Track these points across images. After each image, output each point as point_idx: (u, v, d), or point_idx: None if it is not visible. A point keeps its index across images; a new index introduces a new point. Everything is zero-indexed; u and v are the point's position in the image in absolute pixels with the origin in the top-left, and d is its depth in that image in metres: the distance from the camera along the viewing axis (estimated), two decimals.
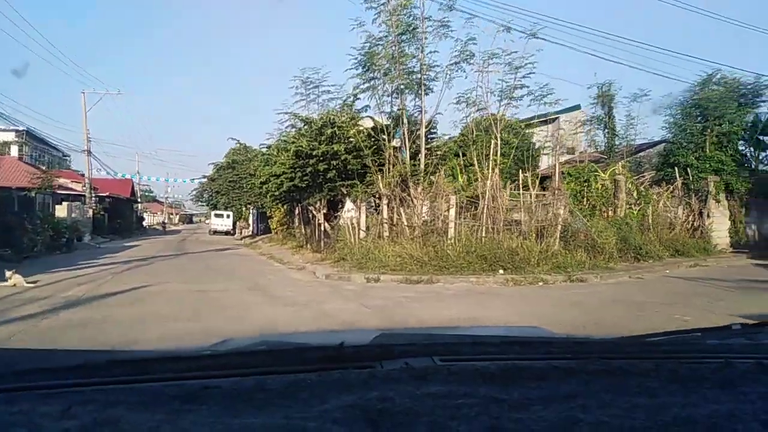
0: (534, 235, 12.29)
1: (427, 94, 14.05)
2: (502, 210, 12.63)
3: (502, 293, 9.07)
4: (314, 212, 16.51)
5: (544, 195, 13.77)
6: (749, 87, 20.22)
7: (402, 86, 13.32)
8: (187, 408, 0.89)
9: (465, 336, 1.66)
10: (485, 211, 12.79)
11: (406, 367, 1.10)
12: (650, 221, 15.95)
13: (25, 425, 0.83)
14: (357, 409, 0.87)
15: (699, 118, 19.64)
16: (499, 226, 12.41)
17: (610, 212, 15.81)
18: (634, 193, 16.53)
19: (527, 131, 16.53)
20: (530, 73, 13.09)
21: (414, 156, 13.44)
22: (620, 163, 17.49)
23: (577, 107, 18.81)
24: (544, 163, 18.74)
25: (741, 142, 21.12)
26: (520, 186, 13.78)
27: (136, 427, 0.83)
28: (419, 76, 13.42)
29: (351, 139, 13.92)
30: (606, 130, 19.22)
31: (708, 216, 18.38)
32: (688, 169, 18.62)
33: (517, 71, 13.38)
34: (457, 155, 14.96)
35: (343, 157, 13.84)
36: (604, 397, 0.94)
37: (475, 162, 13.59)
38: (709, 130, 19.34)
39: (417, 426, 0.82)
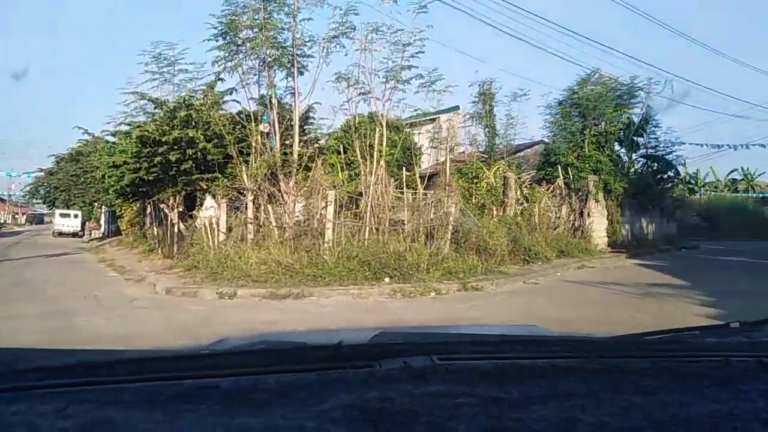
0: (423, 236, 11.39)
1: (301, 73, 12.45)
2: (388, 208, 11.74)
3: (390, 309, 7.86)
4: (167, 210, 14.64)
5: (427, 194, 13.24)
6: (625, 87, 21.08)
7: (270, 60, 12.01)
8: (185, 408, 0.85)
9: (464, 335, 1.64)
10: (369, 209, 11.56)
11: (405, 367, 1.04)
12: (537, 221, 15.90)
13: (22, 425, 0.80)
14: (355, 409, 0.83)
15: (578, 118, 20.32)
16: (384, 227, 11.35)
17: (500, 211, 15.57)
18: (518, 192, 16.68)
19: (409, 130, 16.39)
20: (419, 52, 12.08)
21: (287, 144, 12.30)
22: (504, 162, 17.77)
23: (455, 108, 19.18)
24: (426, 163, 19.00)
25: (616, 142, 21.74)
26: (404, 185, 13.22)
27: (133, 427, 0.80)
28: (291, 51, 12.08)
29: (212, 125, 12.46)
30: (487, 129, 18.99)
31: (588, 216, 18.74)
32: (569, 168, 19.03)
33: (405, 49, 12.12)
34: (338, 152, 14.24)
35: (201, 146, 12.34)
36: (602, 396, 0.90)
37: (358, 153, 12.43)
38: (587, 130, 19.95)
39: (416, 425, 0.79)
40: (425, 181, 13.25)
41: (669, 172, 21.55)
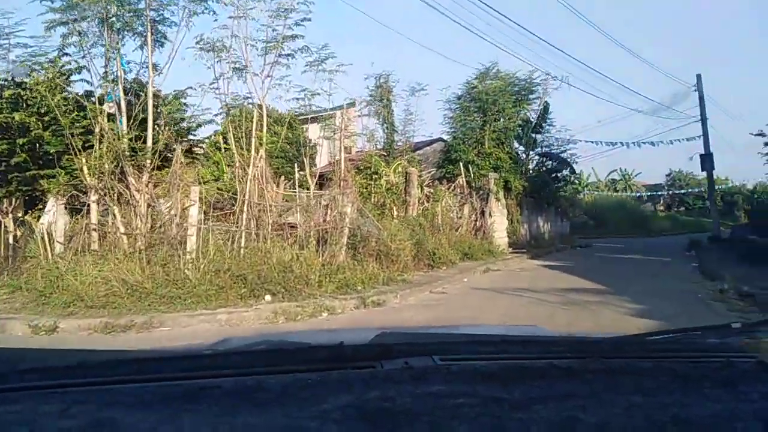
0: (314, 242, 9.75)
1: (161, 44, 9.97)
2: (270, 209, 9.81)
3: None
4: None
5: (320, 193, 11.33)
6: (523, 83, 20.69)
7: (119, 26, 9.49)
8: (187, 408, 0.87)
9: (465, 335, 1.68)
10: (247, 210, 9.58)
11: (406, 367, 1.07)
12: (440, 221, 15.03)
13: (24, 424, 0.81)
14: (357, 409, 0.85)
15: (478, 113, 19.67)
16: (266, 232, 9.52)
17: (401, 212, 14.39)
18: (420, 191, 15.74)
19: (302, 126, 14.77)
20: (305, 19, 10.20)
21: (135, 128, 9.56)
22: (404, 160, 16.65)
23: (351, 104, 17.37)
24: (323, 162, 16.93)
25: (515, 139, 21.39)
26: (296, 185, 11.51)
27: (134, 427, 0.82)
28: (144, 12, 9.44)
29: (51, 109, 9.46)
30: (385, 125, 17.86)
31: (490, 215, 18.14)
32: (470, 166, 18.45)
33: (287, 15, 10.09)
34: (219, 148, 12.11)
35: (35, 134, 9.73)
36: (604, 396, 0.92)
37: (231, 141, 10.31)
38: (488, 126, 19.34)
39: (417, 425, 0.80)
40: (316, 180, 12.43)
41: (564, 171, 21.05)
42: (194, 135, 11.54)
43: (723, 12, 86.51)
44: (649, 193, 45.28)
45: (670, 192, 46.73)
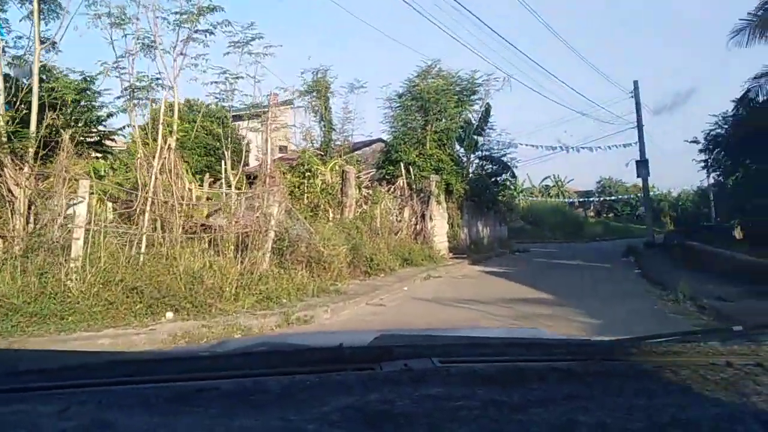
0: (233, 247, 8.42)
1: (55, 14, 8.37)
2: (180, 208, 8.26)
3: None
4: None
5: (245, 193, 9.86)
6: (465, 82, 19.81)
7: None
8: (185, 409, 0.88)
9: (465, 337, 1.64)
10: (150, 208, 8.08)
11: (406, 369, 1.06)
12: (379, 225, 13.90)
13: (23, 425, 0.81)
14: (356, 411, 0.85)
15: (419, 113, 18.77)
16: (176, 235, 8.04)
17: (337, 214, 13.18)
18: (358, 192, 14.67)
19: (236, 123, 13.43)
20: None
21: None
22: (341, 160, 15.54)
23: (289, 102, 16.73)
24: (255, 163, 15.45)
25: (456, 141, 20.58)
26: (224, 185, 10.27)
27: (133, 428, 0.82)
28: None
29: None
30: (322, 123, 16.90)
31: (431, 219, 17.34)
32: (411, 167, 17.60)
33: None
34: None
35: None
36: (604, 399, 0.92)
37: (135, 127, 9.18)
38: (429, 126, 18.52)
39: (416, 428, 0.80)
40: (245, 179, 11.65)
41: (504, 174, 20.45)
42: (105, 126, 9.81)
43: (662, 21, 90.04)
44: (580, 200, 46.69)
45: (601, 198, 48.09)
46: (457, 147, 19.96)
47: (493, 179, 22.44)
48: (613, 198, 50.11)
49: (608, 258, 19.18)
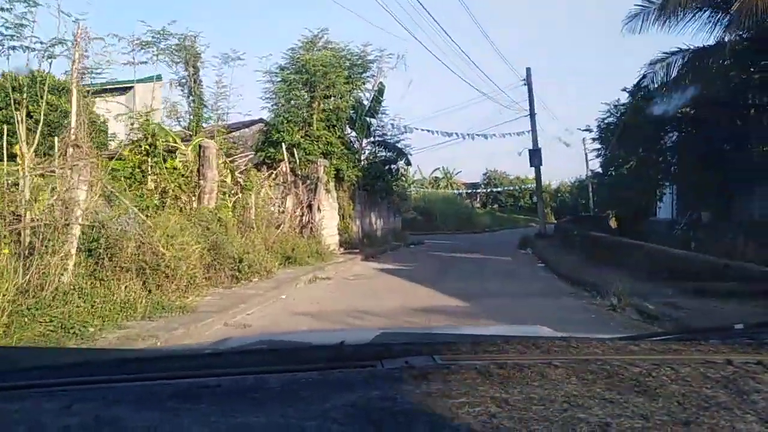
0: (6, 251, 5.60)
1: None
2: None
3: None
4: None
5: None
6: (356, 57, 17.42)
7: None
8: (187, 406, 0.88)
9: (465, 335, 1.68)
10: None
11: (407, 366, 1.06)
12: (254, 217, 11.74)
13: (27, 422, 0.82)
14: (357, 409, 0.84)
15: (305, 88, 16.19)
16: None
17: (193, 202, 10.06)
18: (228, 178, 11.61)
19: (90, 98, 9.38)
20: None
21: None
22: (216, 141, 12.17)
23: (158, 77, 13.61)
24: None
25: (347, 124, 18.03)
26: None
27: (136, 425, 0.82)
28: None
29: None
30: (191, 98, 13.53)
31: (319, 210, 15.03)
32: (295, 150, 15.18)
33: None
34: None
35: None
36: (604, 396, 0.91)
37: None
38: (316, 104, 16.16)
39: (417, 425, 0.80)
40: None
41: (400, 162, 18.44)
42: None
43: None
44: (467, 191, 46.89)
45: (487, 190, 48.80)
46: (349, 130, 17.83)
47: (387, 167, 20.41)
48: (498, 190, 51.02)
49: (505, 250, 18.10)
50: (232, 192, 11.71)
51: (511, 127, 56.49)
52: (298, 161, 15.22)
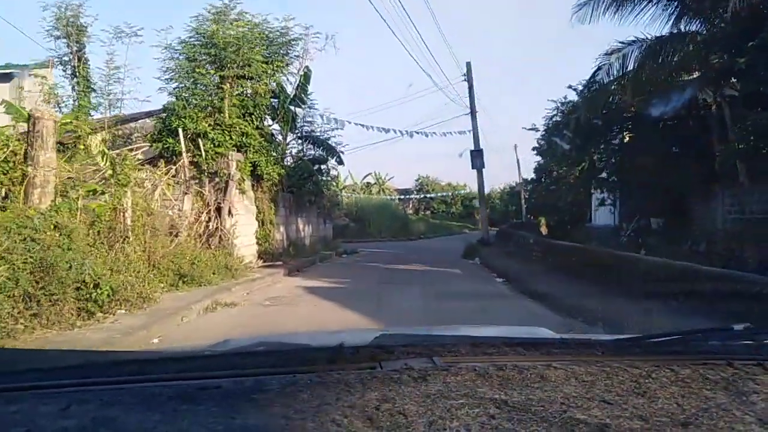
0: None
1: None
2: None
3: None
4: None
5: None
6: (277, 33, 13.99)
7: None
8: (186, 408, 0.87)
9: (465, 336, 1.58)
10: None
11: (406, 368, 1.05)
12: (129, 222, 8.61)
13: (24, 424, 0.80)
14: (357, 410, 0.84)
15: (213, 65, 13.10)
16: None
17: (20, 200, 7.06)
18: (109, 172, 9.10)
19: None
20: None
21: None
22: (106, 133, 10.83)
23: (43, 64, 11.61)
24: None
25: (268, 115, 14.97)
26: None
27: (134, 427, 0.82)
28: None
29: None
30: (76, 81, 11.29)
31: (230, 214, 12.10)
32: (201, 140, 12.16)
33: None
34: None
35: None
36: (604, 398, 0.90)
37: None
38: (228, 86, 13.00)
39: (417, 427, 0.78)
40: None
41: (331, 160, 15.56)
42: None
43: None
44: (400, 197, 45.79)
45: (420, 196, 47.36)
46: (270, 121, 14.76)
47: (316, 166, 17.47)
48: (431, 196, 49.55)
49: (449, 260, 16.08)
50: (108, 187, 8.47)
51: (451, 126, 55.04)
52: (204, 154, 12.33)
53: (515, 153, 41.19)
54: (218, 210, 12.83)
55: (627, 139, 17.18)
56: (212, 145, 13.07)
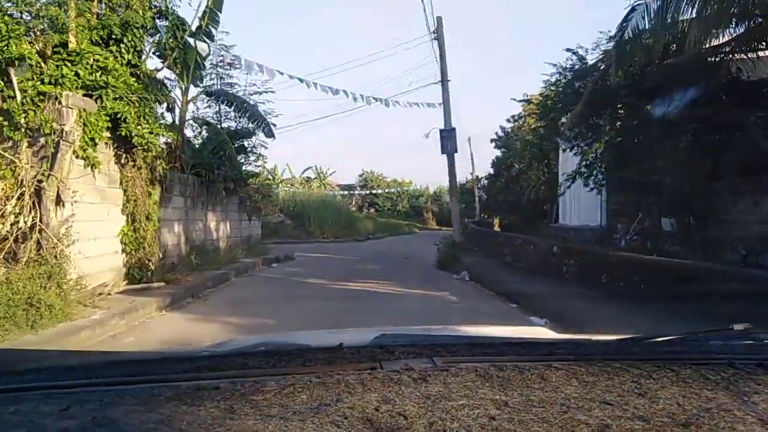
0: None
1: None
2: None
3: None
4: None
5: None
6: None
7: None
8: (185, 409, 0.83)
9: (465, 337, 1.55)
10: None
11: (406, 368, 1.00)
12: None
13: (24, 425, 0.76)
14: (357, 411, 0.79)
15: None
16: None
17: None
18: None
19: None
20: None
21: None
22: None
23: None
24: None
25: (155, 54, 10.64)
26: None
27: (134, 428, 0.78)
28: None
29: None
30: None
31: (60, 202, 6.76)
32: (13, 71, 6.63)
33: None
34: None
35: None
36: (604, 398, 0.85)
37: None
38: None
39: (417, 427, 0.74)
40: None
41: (258, 134, 9.63)
42: None
43: None
44: (342, 192, 40.80)
45: (365, 192, 42.77)
46: (159, 63, 9.21)
47: (239, 142, 12.04)
48: (375, 192, 45.07)
49: (423, 273, 12.20)
50: None
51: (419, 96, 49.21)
52: (18, 96, 6.56)
53: (469, 146, 37.75)
54: (38, 194, 7.31)
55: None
56: (36, 82, 7.89)
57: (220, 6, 11.41)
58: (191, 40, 10.55)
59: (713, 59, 9.75)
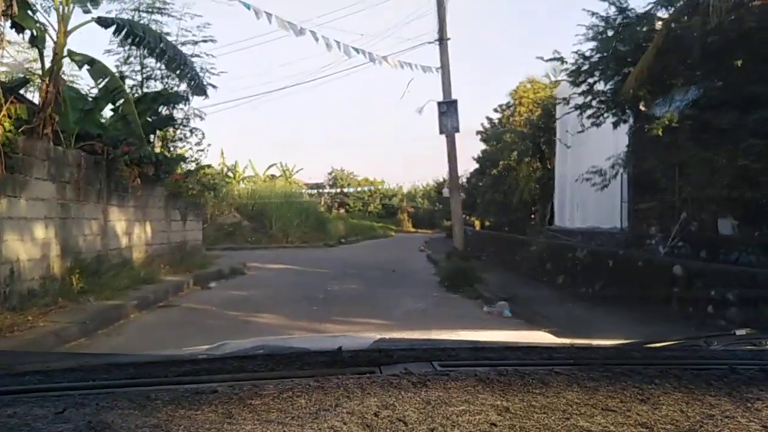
0: None
1: None
2: None
3: None
4: None
5: None
6: None
7: None
8: (182, 412, 0.82)
9: (465, 341, 1.48)
10: None
11: (406, 373, 0.98)
12: None
13: (19, 428, 0.75)
14: (355, 415, 0.78)
15: None
16: None
17: None
18: None
19: None
20: None
21: None
22: None
23: None
24: None
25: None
26: None
27: (130, 431, 0.81)
28: None
29: None
30: None
31: None
32: None
33: None
34: None
35: None
36: (607, 404, 0.83)
37: None
38: None
39: None
40: None
41: (190, 99, 4.60)
42: None
43: None
44: (310, 191, 37.32)
45: (335, 191, 38.97)
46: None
47: (166, 108, 7.73)
48: (346, 191, 41.26)
49: (424, 296, 8.51)
50: None
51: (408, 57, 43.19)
52: None
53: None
54: None
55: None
56: None
57: None
58: None
59: None
